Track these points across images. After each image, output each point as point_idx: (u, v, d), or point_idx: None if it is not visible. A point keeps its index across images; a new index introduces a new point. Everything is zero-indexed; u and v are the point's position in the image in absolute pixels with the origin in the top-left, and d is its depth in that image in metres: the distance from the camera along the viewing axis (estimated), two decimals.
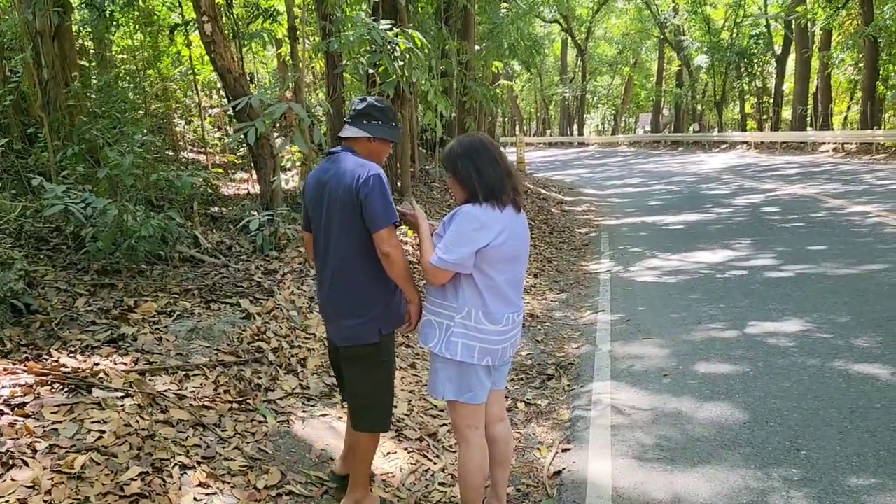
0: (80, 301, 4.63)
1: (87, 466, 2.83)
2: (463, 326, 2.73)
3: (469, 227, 2.65)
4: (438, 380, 2.83)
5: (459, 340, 2.73)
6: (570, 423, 4.19)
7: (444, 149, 2.80)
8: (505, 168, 2.79)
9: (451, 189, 2.84)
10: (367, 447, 3.05)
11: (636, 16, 42.95)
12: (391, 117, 3.00)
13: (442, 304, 2.78)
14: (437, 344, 2.78)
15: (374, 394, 2.99)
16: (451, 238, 2.66)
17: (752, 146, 30.22)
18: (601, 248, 10.09)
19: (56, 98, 9.18)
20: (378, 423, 3.03)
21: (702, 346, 5.21)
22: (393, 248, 2.77)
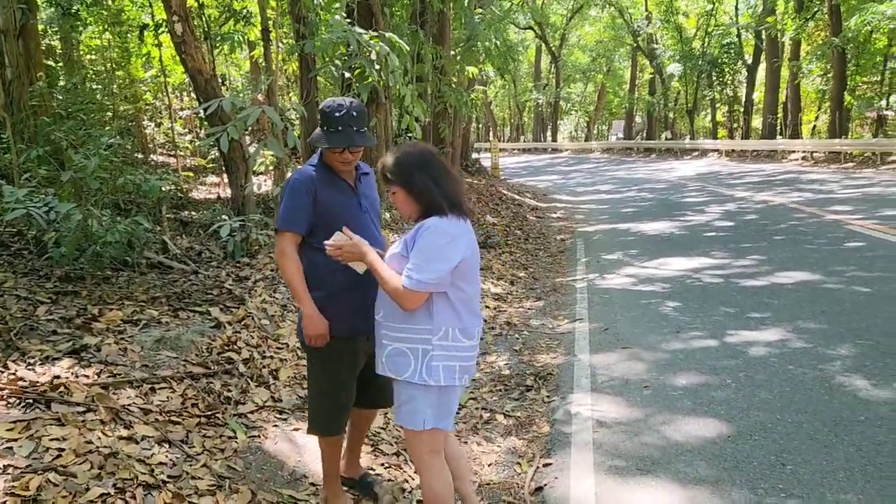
0: (41, 309, 4.43)
1: (44, 488, 2.65)
2: (442, 348, 2.57)
3: (441, 242, 2.49)
4: (418, 408, 2.62)
5: (440, 364, 2.57)
6: (550, 437, 4.09)
7: (386, 161, 2.62)
8: (456, 177, 2.71)
9: (397, 203, 2.63)
10: (321, 448, 3.14)
11: (610, 24, 43.33)
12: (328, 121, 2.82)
13: (412, 329, 2.58)
14: (414, 372, 2.58)
15: (309, 395, 3.13)
16: (422, 256, 2.48)
17: (723, 154, 30.60)
18: (577, 255, 10.04)
19: (20, 98, 8.90)
20: (311, 424, 3.11)
21: (682, 356, 5.15)
22: (278, 252, 2.90)
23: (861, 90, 26.69)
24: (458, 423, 4.37)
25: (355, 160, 2.93)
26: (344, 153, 2.85)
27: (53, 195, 5.29)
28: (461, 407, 4.62)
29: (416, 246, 2.52)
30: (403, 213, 2.65)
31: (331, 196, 2.89)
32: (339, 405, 3.05)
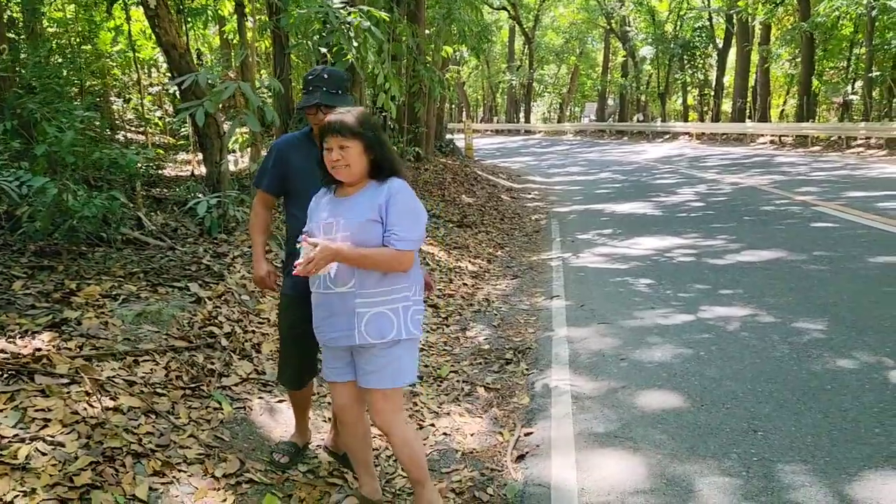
0: (16, 284, 4.38)
1: (33, 457, 2.67)
2: (416, 302, 2.72)
3: (416, 201, 2.67)
4: (404, 366, 2.70)
5: (418, 316, 2.73)
6: (530, 408, 4.18)
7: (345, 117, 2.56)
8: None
9: (348, 159, 2.55)
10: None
11: (583, 5, 43.36)
12: (304, 85, 3.07)
13: (392, 290, 2.61)
14: (399, 330, 2.62)
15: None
16: (410, 217, 2.59)
17: (693, 137, 30.95)
18: (552, 235, 10.15)
19: None
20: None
21: (656, 331, 5.27)
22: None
23: (828, 75, 27.15)
24: (441, 394, 4.45)
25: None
26: (317, 114, 2.98)
27: (26, 170, 5.20)
28: (443, 379, 4.69)
29: (396, 209, 2.56)
30: (348, 172, 2.58)
31: (302, 163, 3.03)
32: (284, 357, 3.27)
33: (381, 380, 2.69)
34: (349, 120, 2.57)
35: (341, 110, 2.64)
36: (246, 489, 2.99)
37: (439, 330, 5.82)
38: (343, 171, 2.59)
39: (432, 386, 4.59)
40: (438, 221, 10.49)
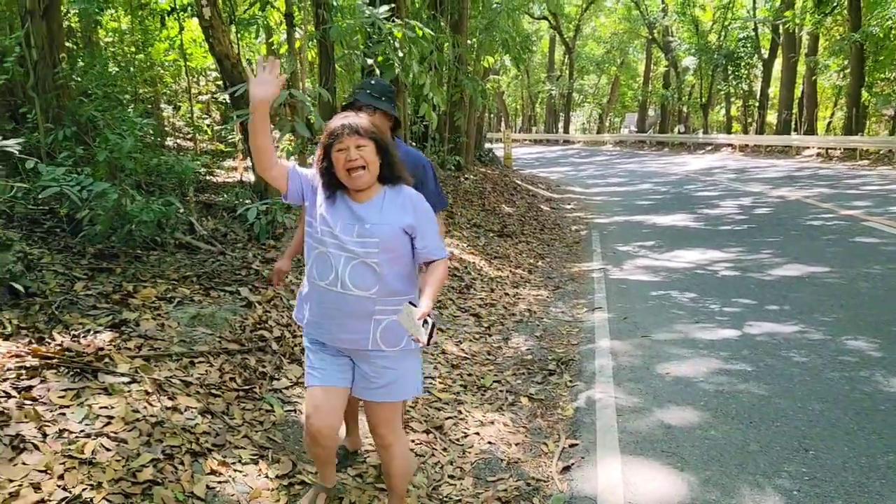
0: (78, 285, 4.54)
1: (98, 452, 2.78)
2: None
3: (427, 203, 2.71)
4: (414, 375, 2.75)
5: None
6: (574, 420, 4.19)
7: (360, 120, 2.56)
8: None
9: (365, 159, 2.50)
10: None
11: (625, 15, 43.13)
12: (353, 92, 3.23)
13: (404, 297, 2.59)
14: (409, 339, 2.54)
15: None
16: (432, 223, 2.66)
17: (736, 149, 30.50)
18: (593, 246, 10.10)
19: (45, 79, 9.01)
20: None
21: (701, 346, 5.23)
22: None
23: (879, 87, 26.53)
24: (484, 403, 4.48)
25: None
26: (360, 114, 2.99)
27: (87, 175, 5.40)
28: (486, 388, 4.73)
29: (424, 219, 2.61)
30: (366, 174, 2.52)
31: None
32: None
33: (392, 393, 2.68)
34: (363, 122, 2.56)
35: (351, 115, 2.61)
36: (298, 490, 3.06)
37: (482, 339, 5.85)
38: (360, 172, 2.50)
39: (476, 395, 4.63)
40: (479, 231, 10.53)
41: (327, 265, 2.56)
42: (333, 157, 2.52)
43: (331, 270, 2.55)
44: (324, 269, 2.57)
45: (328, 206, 2.59)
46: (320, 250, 2.57)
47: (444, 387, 4.63)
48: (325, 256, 2.56)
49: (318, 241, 2.57)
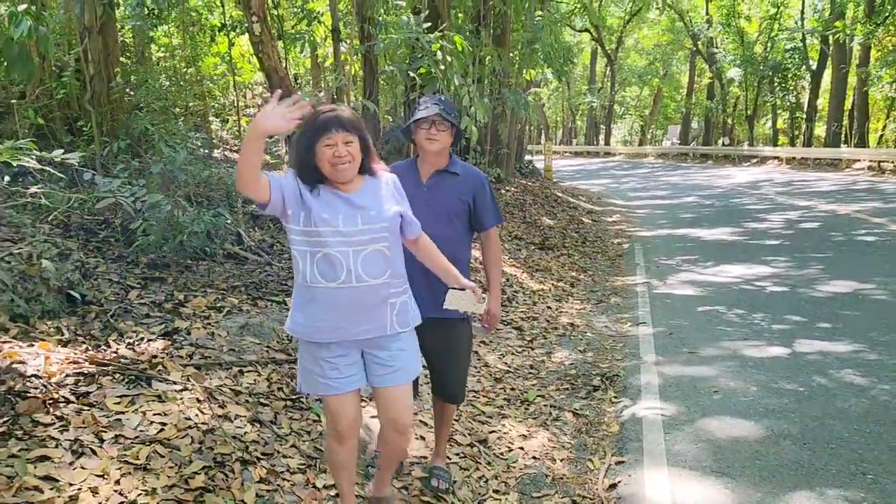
0: (132, 293, 4.67)
1: (152, 458, 2.84)
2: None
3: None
4: (418, 352, 2.83)
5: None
6: (620, 436, 4.14)
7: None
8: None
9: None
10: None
11: (668, 27, 42.70)
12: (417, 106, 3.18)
13: (405, 277, 2.74)
14: (414, 317, 2.75)
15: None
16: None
17: (783, 161, 29.88)
18: (636, 260, 9.99)
19: (101, 93, 9.31)
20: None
21: (751, 363, 5.13)
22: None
23: None
24: (528, 418, 4.46)
25: (441, 142, 3.06)
26: (430, 128, 3.04)
27: (141, 186, 5.55)
28: (530, 403, 4.70)
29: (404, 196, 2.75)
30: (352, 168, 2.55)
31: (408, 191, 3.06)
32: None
33: (409, 373, 2.74)
34: (350, 115, 2.55)
35: (335, 107, 2.59)
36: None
37: (524, 353, 5.83)
38: (348, 167, 2.52)
39: (520, 409, 4.61)
40: (520, 243, 10.51)
41: (334, 265, 2.52)
42: (319, 150, 2.49)
43: (340, 269, 2.52)
44: (330, 269, 2.52)
45: (321, 204, 2.54)
46: (323, 252, 2.51)
47: (487, 400, 4.63)
48: (328, 257, 2.52)
49: (317, 244, 2.51)
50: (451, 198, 3.15)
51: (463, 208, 3.17)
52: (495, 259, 3.32)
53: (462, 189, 3.17)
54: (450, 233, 3.12)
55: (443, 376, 3.30)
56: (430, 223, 3.03)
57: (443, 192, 3.14)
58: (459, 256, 3.15)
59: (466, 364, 3.41)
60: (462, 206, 3.17)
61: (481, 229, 3.26)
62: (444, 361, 3.27)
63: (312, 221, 2.51)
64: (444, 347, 3.23)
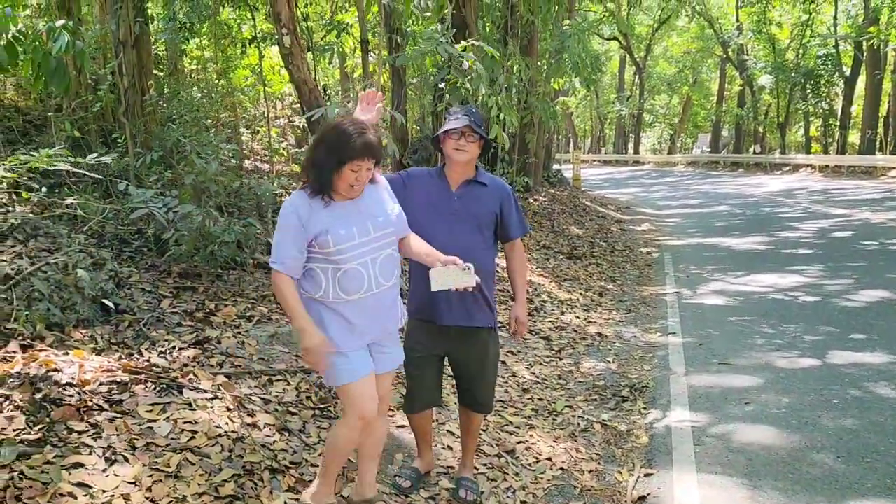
0: (164, 303, 4.75)
1: (183, 466, 2.88)
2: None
3: None
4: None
5: None
6: (650, 448, 4.10)
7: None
8: None
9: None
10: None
11: (698, 34, 42.32)
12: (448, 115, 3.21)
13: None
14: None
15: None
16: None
17: (816, 169, 29.38)
18: (665, 269, 9.89)
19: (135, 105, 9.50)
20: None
21: (783, 375, 5.05)
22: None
23: None
24: (556, 429, 4.43)
25: (470, 153, 3.07)
26: (460, 139, 3.05)
27: (173, 197, 5.65)
28: (558, 413, 4.68)
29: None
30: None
31: (432, 199, 3.14)
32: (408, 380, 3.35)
33: (399, 358, 2.97)
34: (377, 140, 2.62)
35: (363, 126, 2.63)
36: None
37: (552, 363, 5.80)
38: (357, 192, 2.66)
39: (548, 420, 4.58)
40: (548, 252, 10.47)
41: (356, 277, 2.64)
42: (345, 170, 2.56)
43: (362, 280, 2.65)
44: (353, 282, 2.64)
45: (334, 220, 2.62)
46: (346, 268, 2.62)
47: (514, 411, 4.61)
48: (352, 271, 2.64)
49: (339, 261, 2.62)
50: (480, 208, 3.17)
51: (491, 218, 3.19)
52: (521, 268, 3.33)
53: (490, 199, 3.19)
54: (477, 242, 3.14)
55: (471, 386, 3.30)
56: (458, 232, 3.07)
57: (472, 202, 3.15)
58: (486, 265, 3.17)
59: (495, 374, 3.41)
60: (490, 216, 3.19)
61: (507, 239, 3.26)
62: (472, 371, 3.27)
63: (332, 242, 2.59)
64: (473, 357, 3.23)
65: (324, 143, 2.60)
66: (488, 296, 3.18)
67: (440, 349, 3.24)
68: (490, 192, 3.18)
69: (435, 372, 3.29)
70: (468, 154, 3.07)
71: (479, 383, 3.29)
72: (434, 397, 3.36)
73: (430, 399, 3.35)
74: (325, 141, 2.60)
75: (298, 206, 2.63)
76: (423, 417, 3.39)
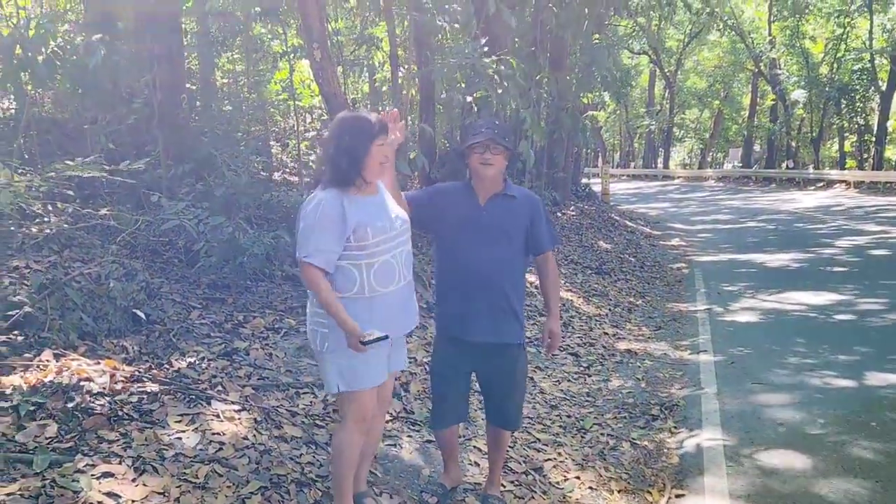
0: (194, 314, 4.79)
1: (211, 477, 2.88)
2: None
3: None
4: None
5: None
6: (680, 468, 4.02)
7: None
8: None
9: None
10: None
11: (729, 48, 41.96)
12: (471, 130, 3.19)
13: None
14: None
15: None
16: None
17: (850, 185, 28.86)
18: (696, 286, 9.76)
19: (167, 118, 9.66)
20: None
21: (818, 396, 4.93)
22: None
23: None
24: (584, 447, 4.37)
25: (496, 166, 3.04)
26: (484, 153, 3.01)
27: (204, 209, 5.72)
28: (586, 431, 4.61)
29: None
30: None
31: (462, 212, 3.13)
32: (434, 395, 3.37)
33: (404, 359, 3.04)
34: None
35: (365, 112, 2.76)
36: None
37: (580, 380, 5.73)
38: (387, 168, 2.80)
39: (576, 437, 4.52)
40: (576, 267, 10.39)
41: (389, 269, 2.71)
42: (374, 149, 2.64)
43: (394, 271, 2.72)
44: (387, 274, 2.71)
45: (371, 215, 2.67)
46: (379, 260, 2.67)
47: (542, 427, 4.56)
48: (385, 263, 2.70)
49: (374, 254, 2.66)
50: (509, 221, 3.13)
51: (521, 231, 3.15)
52: (554, 281, 3.27)
53: (520, 212, 3.15)
54: (507, 256, 3.11)
55: (499, 403, 3.26)
56: (488, 245, 3.05)
57: (501, 216, 3.12)
58: (516, 280, 3.15)
59: (523, 390, 3.38)
60: (520, 229, 3.15)
61: (539, 252, 3.21)
62: (502, 388, 3.23)
63: (371, 234, 2.63)
64: (501, 374, 3.20)
65: (346, 132, 2.64)
66: (517, 311, 3.15)
67: (468, 365, 3.22)
68: (520, 205, 3.15)
69: (462, 388, 3.27)
70: (494, 167, 3.04)
71: (507, 400, 3.25)
72: (461, 413, 3.34)
73: (457, 415, 3.32)
74: (347, 130, 2.65)
75: (335, 200, 2.62)
76: (449, 433, 3.36)
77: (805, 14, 33.72)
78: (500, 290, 3.09)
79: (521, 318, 3.19)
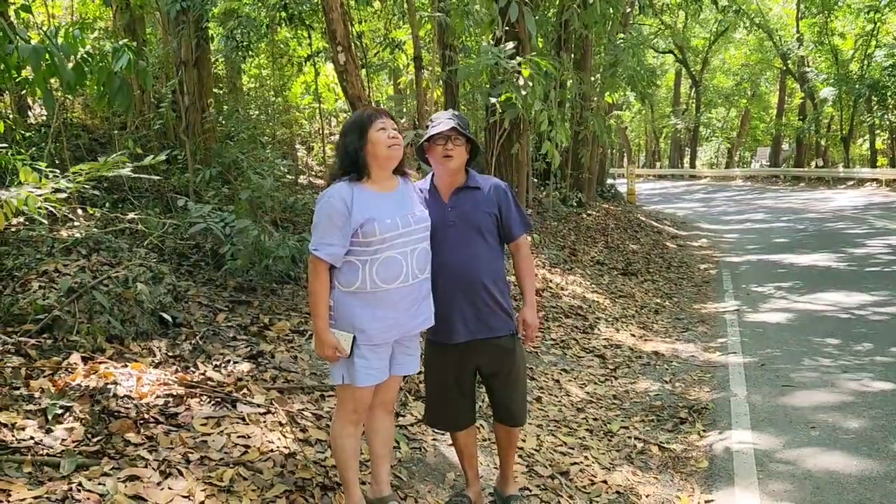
0: (220, 316, 4.82)
1: (236, 480, 2.89)
2: None
3: None
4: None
5: None
6: (710, 472, 3.95)
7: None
8: None
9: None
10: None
11: (756, 46, 41.39)
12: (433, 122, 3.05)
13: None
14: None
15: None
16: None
17: (882, 184, 28.28)
18: (724, 286, 9.61)
19: (195, 123, 9.76)
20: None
21: (852, 398, 4.82)
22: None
23: None
24: (612, 450, 4.31)
25: (458, 158, 2.94)
26: (446, 144, 2.91)
27: (230, 212, 5.76)
28: (613, 434, 4.55)
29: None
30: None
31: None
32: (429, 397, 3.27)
33: (419, 360, 3.01)
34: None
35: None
36: None
37: (607, 382, 5.67)
38: (398, 151, 2.73)
39: (602, 440, 4.46)
40: (602, 269, 10.30)
41: (394, 265, 2.68)
42: (373, 136, 2.67)
43: (400, 268, 2.69)
44: (392, 270, 2.68)
45: (381, 210, 2.68)
46: (386, 255, 2.66)
47: (568, 430, 4.51)
48: (390, 259, 2.67)
49: (379, 250, 2.65)
50: (478, 213, 3.00)
51: (492, 221, 3.02)
52: (528, 269, 3.15)
53: (487, 202, 3.02)
54: (481, 250, 2.99)
55: (505, 400, 3.15)
56: (462, 244, 2.95)
57: (469, 210, 2.99)
58: (495, 272, 3.04)
59: (525, 382, 3.27)
60: (491, 219, 3.02)
61: (510, 239, 3.09)
62: (504, 384, 3.12)
63: (378, 230, 2.64)
64: (502, 370, 3.09)
65: (346, 131, 2.76)
66: (502, 302, 3.04)
67: (466, 366, 3.09)
68: (485, 195, 3.03)
69: (462, 391, 3.14)
70: (456, 160, 2.93)
71: (513, 395, 3.14)
72: (466, 417, 3.21)
73: (463, 420, 3.20)
74: (348, 129, 2.76)
75: (343, 194, 2.66)
76: (466, 436, 3.25)
77: (834, 10, 33.10)
78: (481, 288, 2.97)
79: (507, 308, 3.07)
